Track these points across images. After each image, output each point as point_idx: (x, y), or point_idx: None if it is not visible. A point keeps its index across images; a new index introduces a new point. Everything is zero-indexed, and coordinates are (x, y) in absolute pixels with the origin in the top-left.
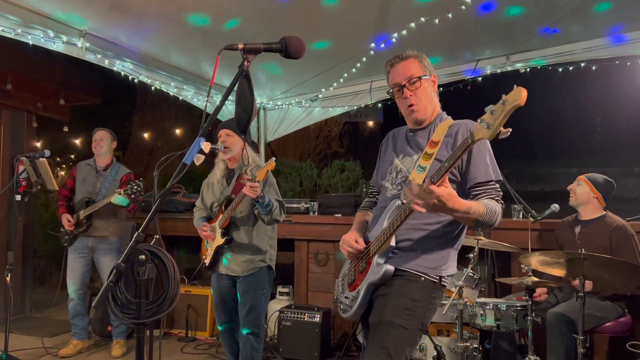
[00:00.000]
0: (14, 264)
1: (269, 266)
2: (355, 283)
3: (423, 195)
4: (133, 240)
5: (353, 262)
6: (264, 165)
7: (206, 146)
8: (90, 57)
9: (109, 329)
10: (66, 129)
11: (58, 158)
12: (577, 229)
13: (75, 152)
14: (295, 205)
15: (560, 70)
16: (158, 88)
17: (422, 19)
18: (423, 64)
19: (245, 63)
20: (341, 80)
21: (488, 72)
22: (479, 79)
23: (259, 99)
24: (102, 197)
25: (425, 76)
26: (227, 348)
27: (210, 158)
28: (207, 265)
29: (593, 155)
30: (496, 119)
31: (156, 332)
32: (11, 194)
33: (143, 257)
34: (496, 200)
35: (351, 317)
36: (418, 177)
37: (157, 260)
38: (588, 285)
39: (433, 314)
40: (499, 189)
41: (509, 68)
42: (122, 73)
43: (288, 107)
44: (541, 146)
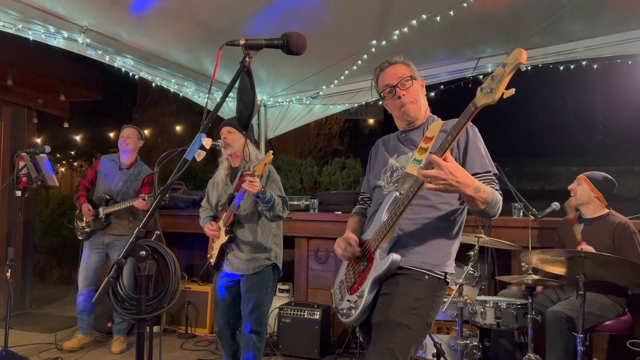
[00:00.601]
0: (14, 260)
1: (275, 265)
2: (356, 285)
3: (431, 172)
4: (134, 236)
5: (350, 266)
6: (262, 158)
7: (207, 142)
8: (90, 53)
9: (110, 325)
10: (66, 125)
11: (58, 154)
12: (581, 227)
13: (75, 148)
14: (295, 202)
15: (561, 68)
16: (159, 85)
17: (424, 16)
18: (411, 68)
19: (246, 59)
20: (342, 77)
21: (489, 70)
22: (480, 77)
23: (260, 96)
24: (123, 195)
25: (415, 77)
26: (225, 348)
27: (212, 157)
28: (214, 264)
29: (593, 153)
30: (499, 82)
31: (156, 329)
32: (11, 190)
33: (144, 253)
34: (496, 189)
35: (355, 320)
36: (415, 170)
37: (158, 256)
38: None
39: (437, 312)
40: (496, 181)
41: None
42: (123, 69)
43: (289, 104)
44: (541, 144)
